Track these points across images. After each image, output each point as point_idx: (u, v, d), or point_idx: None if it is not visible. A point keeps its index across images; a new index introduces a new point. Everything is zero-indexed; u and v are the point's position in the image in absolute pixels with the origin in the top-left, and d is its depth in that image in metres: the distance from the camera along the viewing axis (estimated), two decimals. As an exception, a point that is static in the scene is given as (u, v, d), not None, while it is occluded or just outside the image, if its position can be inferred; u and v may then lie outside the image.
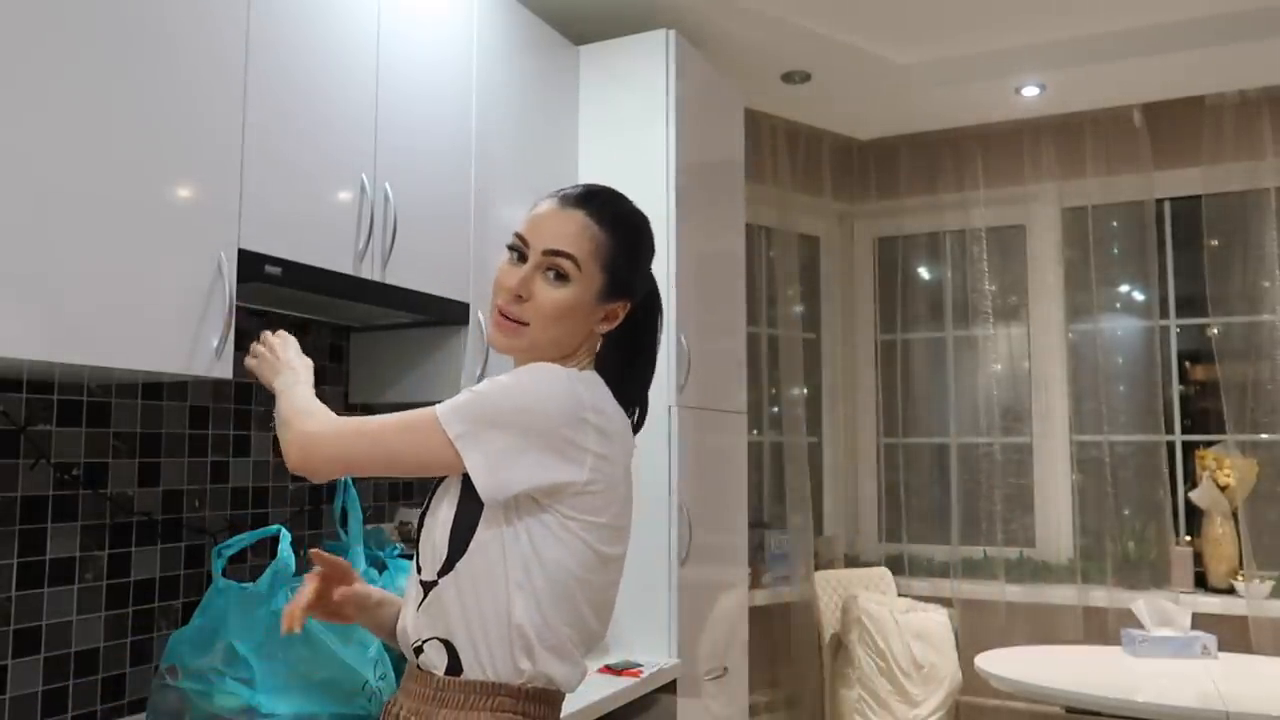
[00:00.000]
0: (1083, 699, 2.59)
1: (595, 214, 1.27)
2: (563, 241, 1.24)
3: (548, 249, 1.24)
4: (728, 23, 3.05)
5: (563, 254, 1.23)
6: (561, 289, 1.24)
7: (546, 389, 1.18)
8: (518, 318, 1.24)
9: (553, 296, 1.24)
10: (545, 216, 1.27)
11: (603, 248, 1.25)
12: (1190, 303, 3.70)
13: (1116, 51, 3.27)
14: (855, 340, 4.21)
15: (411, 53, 2.14)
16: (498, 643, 1.18)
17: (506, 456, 1.15)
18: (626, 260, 1.28)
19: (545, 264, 1.24)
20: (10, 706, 1.65)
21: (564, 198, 1.28)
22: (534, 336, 1.25)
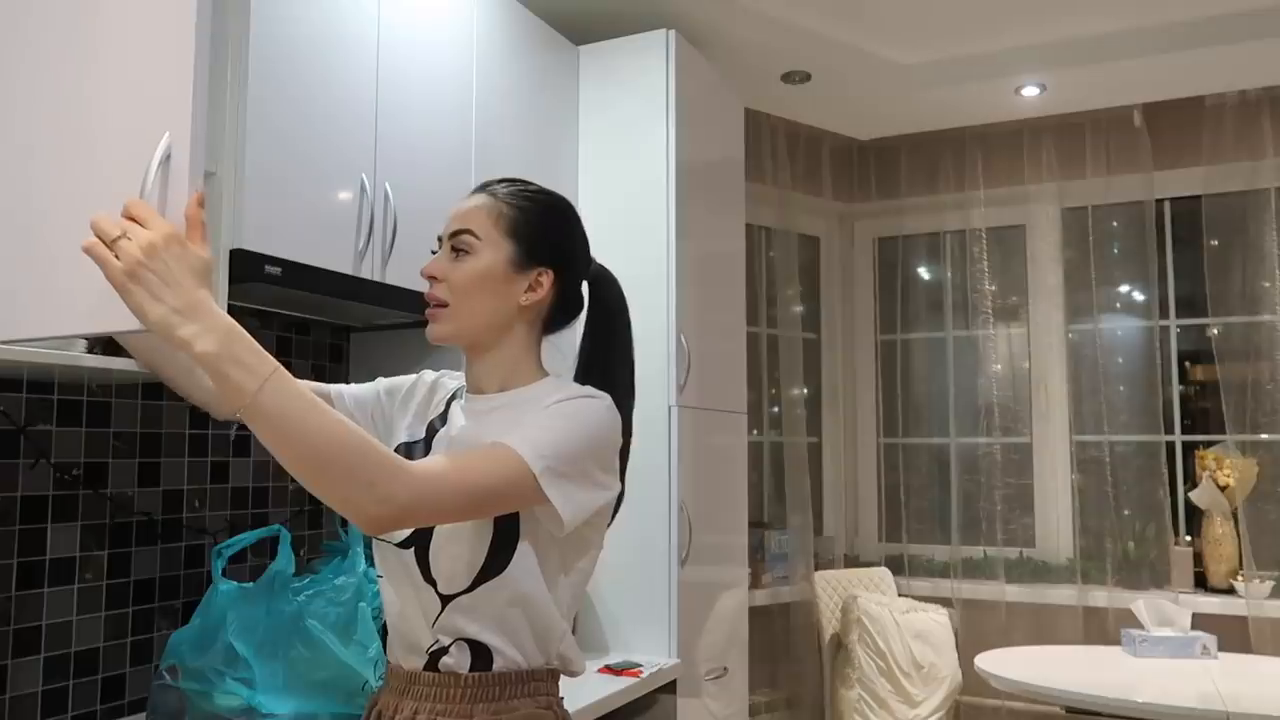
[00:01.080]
0: (1083, 699, 2.59)
1: (492, 193, 1.33)
2: (460, 221, 1.30)
3: (451, 231, 1.30)
4: (728, 23, 3.05)
5: (463, 231, 1.29)
6: (464, 262, 1.28)
7: (606, 414, 1.22)
8: (438, 299, 1.28)
9: (461, 269, 1.28)
10: (454, 209, 1.33)
11: (504, 218, 1.30)
12: (1190, 303, 3.70)
13: (1116, 51, 3.27)
14: (855, 340, 4.21)
15: (411, 53, 2.14)
16: (530, 637, 1.23)
17: (581, 487, 1.17)
18: (535, 227, 1.31)
19: (452, 245, 1.29)
20: (10, 706, 1.64)
21: (474, 191, 1.35)
22: (455, 312, 1.27)
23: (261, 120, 1.74)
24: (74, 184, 1.13)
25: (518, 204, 1.32)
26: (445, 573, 1.21)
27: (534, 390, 1.29)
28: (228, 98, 1.71)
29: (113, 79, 1.13)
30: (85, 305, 1.09)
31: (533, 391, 1.29)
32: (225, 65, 1.72)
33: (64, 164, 1.15)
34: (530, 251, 1.30)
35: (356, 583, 1.71)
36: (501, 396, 1.30)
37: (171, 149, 1.04)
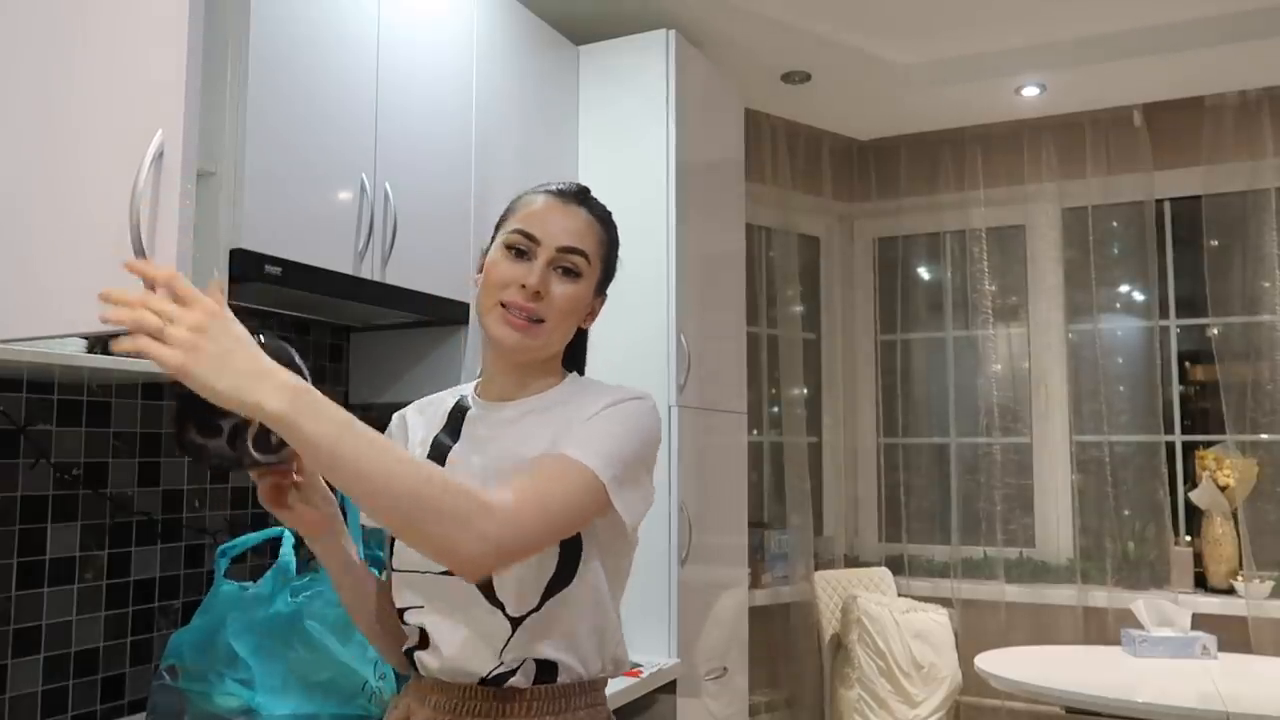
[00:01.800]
0: (1083, 699, 2.59)
1: (594, 210, 1.28)
2: (576, 238, 1.23)
3: (563, 246, 1.22)
4: (728, 23, 3.05)
5: (578, 250, 1.23)
6: (574, 285, 1.23)
7: (654, 416, 1.21)
8: (534, 314, 1.20)
9: (568, 293, 1.23)
10: (550, 212, 1.25)
11: (602, 244, 1.27)
12: (1190, 303, 3.70)
13: (1116, 51, 3.27)
14: (855, 340, 4.21)
15: (411, 53, 2.14)
16: (593, 647, 1.21)
17: (638, 492, 1.17)
18: (613, 257, 1.31)
19: (559, 261, 1.22)
20: (10, 706, 1.65)
21: (562, 193, 1.27)
22: (551, 331, 1.22)
23: (261, 120, 1.74)
24: (65, 183, 1.13)
25: (607, 227, 1.29)
26: (514, 593, 1.15)
27: (562, 391, 1.27)
28: (227, 98, 1.71)
29: (103, 77, 1.12)
30: (75, 305, 1.09)
31: (561, 393, 1.26)
32: (225, 65, 1.72)
33: (54, 163, 1.15)
34: (604, 280, 1.30)
35: (356, 583, 1.71)
36: (528, 401, 1.26)
37: (164, 146, 1.04)
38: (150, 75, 1.09)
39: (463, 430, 1.27)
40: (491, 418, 1.26)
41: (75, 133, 1.15)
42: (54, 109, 1.17)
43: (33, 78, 1.20)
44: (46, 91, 1.19)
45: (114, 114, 1.11)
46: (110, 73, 1.13)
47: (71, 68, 1.16)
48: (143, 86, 1.09)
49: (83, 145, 1.14)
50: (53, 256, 1.12)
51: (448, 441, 1.27)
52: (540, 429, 1.20)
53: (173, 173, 1.04)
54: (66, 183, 1.14)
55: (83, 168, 1.13)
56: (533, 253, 1.22)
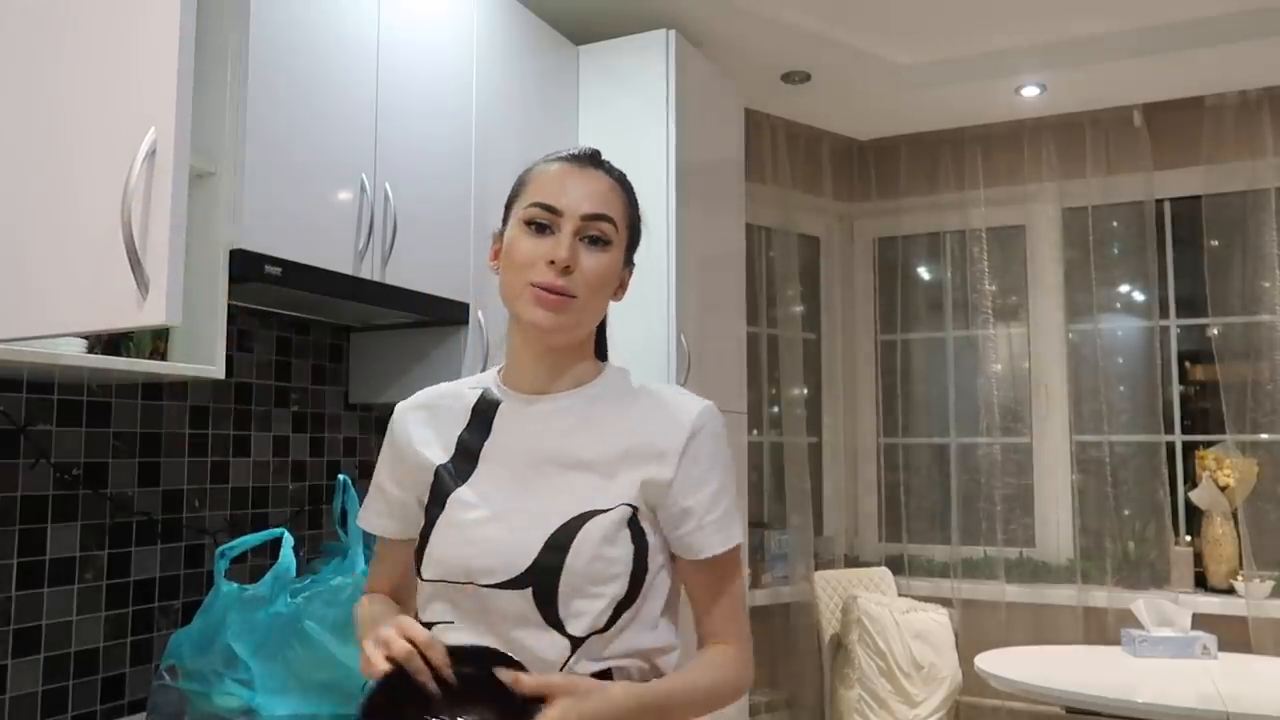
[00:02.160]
0: (1083, 699, 2.59)
1: (611, 172, 1.20)
2: (600, 203, 1.15)
3: (587, 213, 1.13)
4: (728, 23, 3.05)
5: (604, 217, 1.14)
6: (604, 254, 1.15)
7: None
8: (566, 290, 1.11)
9: (600, 263, 1.14)
10: (567, 178, 1.16)
11: (627, 207, 1.19)
12: (1190, 303, 3.70)
13: (1116, 51, 3.27)
14: (855, 340, 4.21)
15: (411, 53, 2.14)
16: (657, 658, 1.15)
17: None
18: (638, 217, 1.22)
19: (585, 229, 1.13)
20: (10, 706, 1.65)
21: (575, 158, 1.19)
22: (583, 307, 1.13)
23: (261, 120, 1.74)
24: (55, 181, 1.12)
25: (627, 189, 1.20)
26: (580, 612, 1.08)
27: (607, 385, 1.20)
28: (227, 98, 1.71)
29: (94, 73, 1.12)
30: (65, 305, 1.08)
31: (606, 387, 1.20)
32: (225, 65, 1.72)
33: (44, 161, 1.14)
34: (631, 247, 1.21)
35: (354, 583, 1.71)
36: (570, 396, 1.18)
37: (156, 144, 1.03)
38: (142, 71, 1.08)
39: (495, 424, 1.18)
40: (530, 411, 1.18)
41: (65, 131, 1.14)
42: (43, 107, 1.17)
43: (21, 74, 1.19)
44: (36, 89, 1.18)
45: (105, 111, 1.10)
46: (101, 69, 1.12)
47: (61, 65, 1.16)
48: (134, 83, 1.09)
49: (73, 143, 1.13)
50: (43, 256, 1.12)
51: (478, 439, 1.18)
52: (596, 431, 1.15)
53: (165, 171, 1.03)
54: (57, 181, 1.13)
55: (73, 166, 1.12)
56: (555, 225, 1.13)
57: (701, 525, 1.13)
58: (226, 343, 1.72)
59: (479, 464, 1.16)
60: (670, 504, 1.13)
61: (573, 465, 1.14)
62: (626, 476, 1.12)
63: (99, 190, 1.06)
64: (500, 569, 1.09)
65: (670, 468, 1.13)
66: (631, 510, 1.11)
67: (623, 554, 1.10)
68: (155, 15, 1.08)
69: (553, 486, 1.13)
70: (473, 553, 1.11)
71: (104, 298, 1.01)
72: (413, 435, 1.22)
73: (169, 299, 1.03)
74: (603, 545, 1.09)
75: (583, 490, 1.12)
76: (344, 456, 2.39)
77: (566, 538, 1.09)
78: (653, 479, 1.12)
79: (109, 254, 1.04)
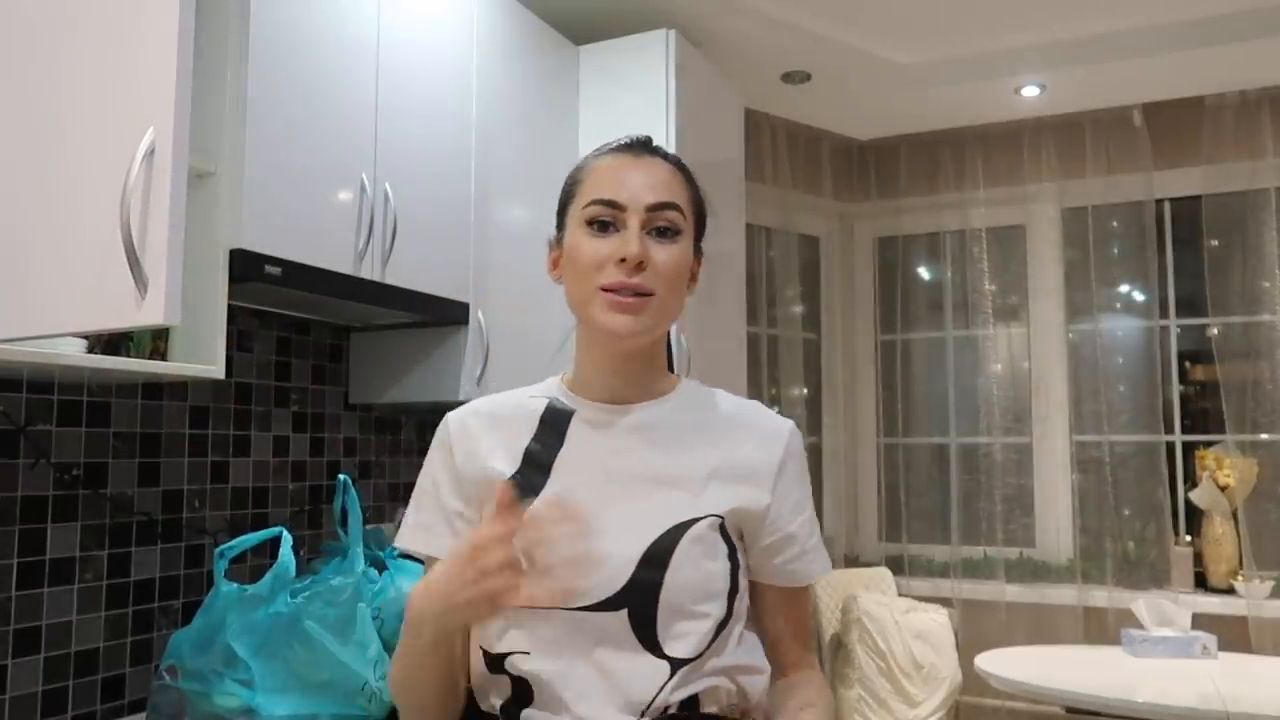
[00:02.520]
0: (1083, 699, 2.58)
1: (668, 158, 1.13)
2: (664, 191, 1.07)
3: (652, 203, 1.06)
4: (728, 23, 3.05)
5: (671, 205, 1.07)
6: (675, 245, 1.07)
7: None
8: (641, 288, 1.04)
9: (671, 256, 1.06)
10: (625, 169, 1.08)
11: (690, 192, 1.12)
12: (1190, 303, 3.70)
13: (1116, 51, 3.27)
14: (855, 340, 4.21)
15: (411, 53, 2.14)
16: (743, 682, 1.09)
17: None
18: (704, 204, 1.15)
19: (652, 221, 1.06)
20: (10, 706, 1.65)
21: (629, 147, 1.12)
22: (661, 305, 1.06)
23: (261, 120, 1.74)
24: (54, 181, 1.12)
25: (688, 174, 1.13)
26: (683, 633, 1.01)
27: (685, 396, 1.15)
28: (227, 98, 1.71)
29: (94, 73, 1.12)
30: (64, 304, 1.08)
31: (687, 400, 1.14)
32: (224, 65, 1.72)
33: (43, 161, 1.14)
34: (699, 235, 1.13)
35: (355, 583, 1.71)
36: (651, 407, 1.12)
37: (155, 144, 1.03)
38: (141, 71, 1.08)
39: (569, 434, 1.10)
40: (609, 422, 1.10)
41: (64, 130, 1.14)
42: (43, 106, 1.17)
43: (20, 74, 1.19)
44: (35, 88, 1.18)
45: (104, 111, 1.10)
46: (100, 68, 1.12)
47: (60, 64, 1.16)
48: (133, 82, 1.09)
49: (72, 143, 1.13)
50: (42, 256, 1.12)
51: (549, 450, 1.09)
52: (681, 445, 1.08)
53: (164, 170, 1.03)
54: (56, 181, 1.13)
55: (72, 166, 1.12)
56: (619, 221, 1.06)
57: (805, 551, 1.10)
58: (226, 343, 1.72)
59: (552, 476, 1.07)
60: (770, 530, 1.08)
61: (660, 481, 1.06)
62: (716, 494, 1.06)
63: (98, 190, 1.06)
64: (592, 589, 1.00)
65: (765, 491, 1.08)
66: (720, 521, 1.05)
67: (722, 569, 1.04)
68: (154, 15, 1.08)
69: (640, 501, 1.05)
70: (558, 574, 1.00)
71: (103, 298, 1.01)
72: (473, 443, 1.12)
73: (168, 299, 1.03)
74: (703, 560, 1.03)
75: (673, 505, 1.05)
76: (344, 456, 2.39)
77: (664, 553, 1.02)
78: (748, 500, 1.07)
79: (108, 254, 1.04)
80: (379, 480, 2.51)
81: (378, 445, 2.50)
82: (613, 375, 1.11)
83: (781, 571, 1.10)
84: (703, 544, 1.03)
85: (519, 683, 1.02)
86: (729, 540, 1.06)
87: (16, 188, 1.17)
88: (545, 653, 1.01)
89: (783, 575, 1.11)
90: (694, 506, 1.05)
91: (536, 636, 1.02)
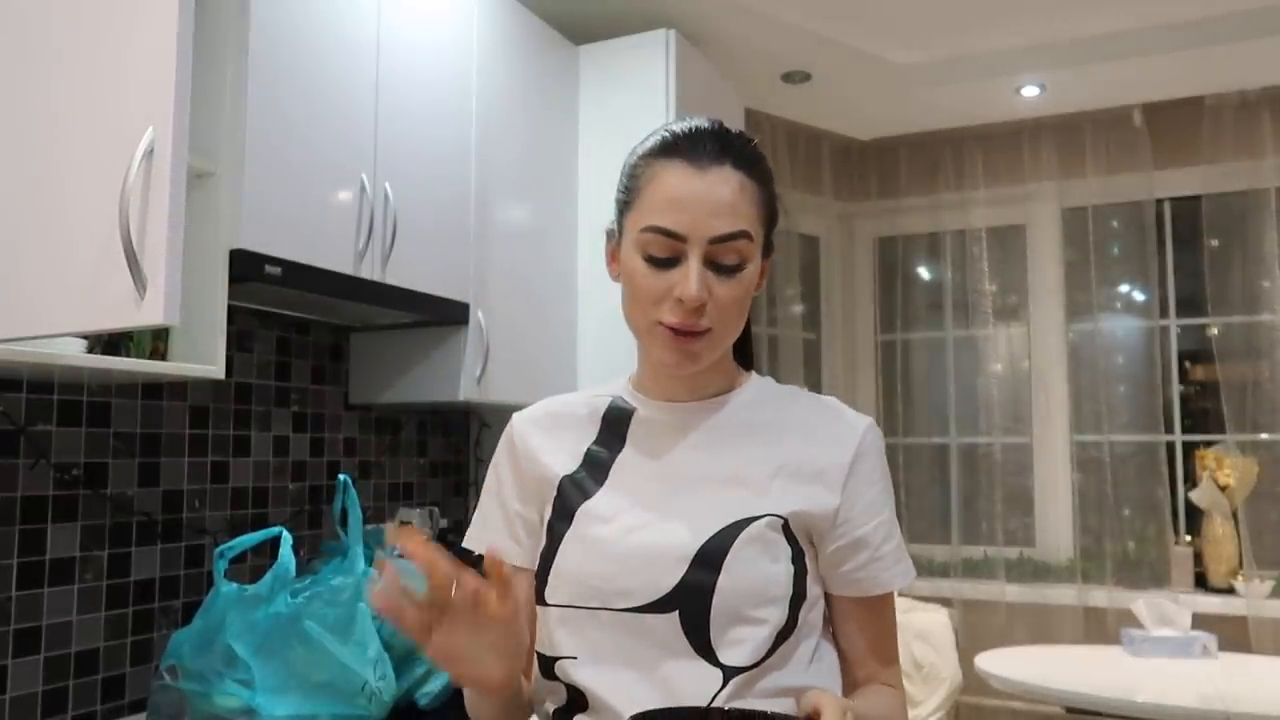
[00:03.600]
0: (1083, 699, 2.58)
1: (739, 159, 1.01)
2: (730, 219, 0.97)
3: (718, 236, 0.97)
4: (728, 23, 3.05)
5: (738, 235, 0.98)
6: (739, 278, 0.99)
7: None
8: (698, 329, 0.98)
9: (734, 292, 0.99)
10: (690, 192, 0.97)
11: (761, 203, 1.02)
12: (1190, 303, 3.70)
13: (1116, 51, 3.27)
14: (855, 340, 4.21)
15: (411, 53, 2.14)
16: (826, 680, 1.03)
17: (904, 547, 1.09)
18: (775, 202, 1.06)
19: (715, 256, 0.98)
20: (10, 706, 1.65)
21: (695, 157, 0.99)
22: (718, 338, 1.00)
23: (261, 120, 1.74)
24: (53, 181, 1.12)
25: (763, 175, 1.03)
26: (739, 639, 0.95)
27: (755, 394, 1.09)
28: (227, 98, 1.72)
29: (93, 73, 1.12)
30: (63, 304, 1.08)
31: (755, 396, 1.08)
32: (225, 65, 1.72)
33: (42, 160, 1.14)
34: (769, 237, 1.05)
35: (354, 583, 1.71)
36: (711, 405, 1.06)
37: (154, 144, 1.03)
38: (140, 71, 1.08)
39: (629, 434, 1.07)
40: (669, 421, 1.06)
41: (63, 130, 1.14)
42: (41, 106, 1.17)
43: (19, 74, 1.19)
44: (34, 88, 1.18)
45: (103, 110, 1.10)
46: (99, 68, 1.12)
47: (59, 64, 1.16)
48: (132, 82, 1.09)
49: (71, 143, 1.13)
50: (41, 256, 1.12)
51: (610, 450, 1.06)
52: (745, 443, 1.03)
53: (163, 171, 1.03)
54: (55, 181, 1.13)
55: (71, 166, 1.12)
56: (680, 254, 0.97)
57: (878, 557, 1.01)
58: (226, 343, 1.72)
59: (610, 476, 1.04)
60: (839, 534, 1.00)
61: (720, 480, 1.01)
62: (780, 493, 1.00)
63: (97, 190, 1.06)
64: (640, 590, 0.96)
65: (835, 491, 1.01)
66: (783, 521, 0.99)
67: (783, 572, 0.97)
68: (154, 15, 1.08)
69: (698, 500, 1.00)
70: (607, 571, 0.98)
71: (102, 298, 1.01)
72: (535, 445, 1.10)
73: (167, 299, 1.03)
74: (760, 561, 0.97)
75: (732, 503, 0.99)
76: (344, 456, 2.39)
77: (718, 552, 0.96)
78: (815, 502, 1.00)
79: (107, 254, 1.04)
80: (379, 480, 2.51)
81: (378, 445, 2.51)
82: (673, 381, 1.06)
83: (849, 580, 1.02)
84: (760, 544, 0.97)
85: (572, 690, 0.99)
86: (795, 543, 0.99)
87: (16, 187, 1.17)
88: (595, 658, 0.98)
89: (850, 584, 1.02)
90: (754, 505, 0.99)
91: (584, 639, 0.98)
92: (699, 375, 1.05)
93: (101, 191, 1.05)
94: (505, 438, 1.13)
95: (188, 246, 1.25)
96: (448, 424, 2.78)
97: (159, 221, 1.02)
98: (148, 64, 1.07)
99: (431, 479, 2.71)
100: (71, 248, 1.10)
